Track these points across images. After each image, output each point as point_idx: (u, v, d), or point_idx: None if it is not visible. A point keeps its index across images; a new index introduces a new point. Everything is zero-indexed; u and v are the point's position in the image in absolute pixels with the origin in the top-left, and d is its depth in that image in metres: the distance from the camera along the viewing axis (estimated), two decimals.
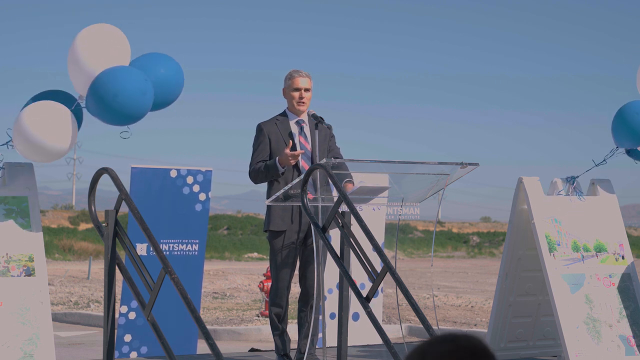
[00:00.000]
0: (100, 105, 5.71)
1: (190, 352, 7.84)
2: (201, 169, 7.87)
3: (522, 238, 7.43)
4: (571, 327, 6.95)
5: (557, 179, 7.52)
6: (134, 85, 5.71)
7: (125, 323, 7.66)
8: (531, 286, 7.54)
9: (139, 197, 7.46)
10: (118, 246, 5.63)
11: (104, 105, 5.70)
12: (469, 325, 13.81)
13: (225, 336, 12.39)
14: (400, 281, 5.72)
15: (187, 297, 5.00)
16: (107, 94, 5.67)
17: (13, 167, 6.05)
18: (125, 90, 5.68)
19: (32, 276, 5.89)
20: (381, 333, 5.81)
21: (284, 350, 6.97)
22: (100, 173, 5.78)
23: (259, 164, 6.84)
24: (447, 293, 19.30)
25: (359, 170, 6.85)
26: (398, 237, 7.21)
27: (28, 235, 5.95)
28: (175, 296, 5.26)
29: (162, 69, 5.94)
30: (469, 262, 38.97)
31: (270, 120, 6.97)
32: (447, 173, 6.71)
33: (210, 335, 4.90)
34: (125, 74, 5.74)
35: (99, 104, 5.71)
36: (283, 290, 6.89)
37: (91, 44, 5.79)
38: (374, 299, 6.13)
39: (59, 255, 34.55)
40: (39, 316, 5.83)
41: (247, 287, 20.30)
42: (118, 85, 5.68)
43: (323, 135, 6.93)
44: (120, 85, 5.68)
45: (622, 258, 7.46)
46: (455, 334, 2.19)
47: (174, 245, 7.79)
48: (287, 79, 6.98)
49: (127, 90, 5.69)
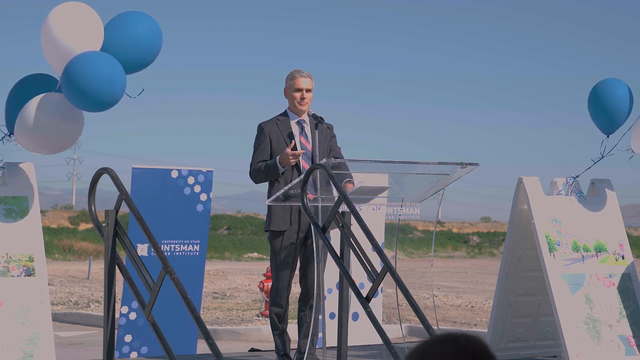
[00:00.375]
0: (74, 95, 5.65)
1: (190, 352, 7.84)
2: (202, 170, 7.87)
3: (522, 238, 7.43)
4: (571, 327, 6.95)
5: (557, 179, 7.53)
6: (102, 74, 5.61)
7: (126, 323, 7.66)
8: (531, 286, 7.54)
9: (140, 197, 7.46)
10: (118, 246, 5.63)
11: (76, 95, 5.64)
12: (469, 325, 13.81)
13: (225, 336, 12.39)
14: (400, 281, 5.71)
15: (187, 297, 5.00)
16: (81, 83, 5.56)
17: (13, 167, 6.05)
18: (96, 82, 5.58)
19: (32, 276, 5.89)
20: (381, 333, 5.81)
21: (284, 350, 6.97)
22: (100, 173, 5.78)
23: (259, 163, 6.85)
24: (447, 293, 19.30)
25: (359, 170, 6.85)
26: (398, 237, 7.21)
27: (28, 235, 5.95)
28: (175, 296, 5.26)
29: (141, 28, 5.87)
30: (469, 262, 38.97)
31: (271, 120, 6.97)
32: (447, 173, 6.71)
33: (210, 335, 4.90)
34: (94, 61, 5.65)
35: (73, 94, 5.65)
36: (283, 290, 6.89)
37: (64, 23, 5.68)
38: (374, 299, 6.13)
39: (59, 255, 34.55)
40: (39, 316, 5.83)
41: (247, 287, 20.31)
42: (88, 76, 5.56)
43: (324, 135, 6.93)
44: (91, 75, 5.58)
45: (622, 258, 7.46)
46: (455, 334, 2.18)
47: (176, 246, 7.79)
48: (289, 79, 6.98)
49: (98, 81, 5.59)
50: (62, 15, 5.70)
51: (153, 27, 5.91)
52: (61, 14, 5.71)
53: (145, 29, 5.88)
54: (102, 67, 5.58)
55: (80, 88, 5.55)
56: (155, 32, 5.91)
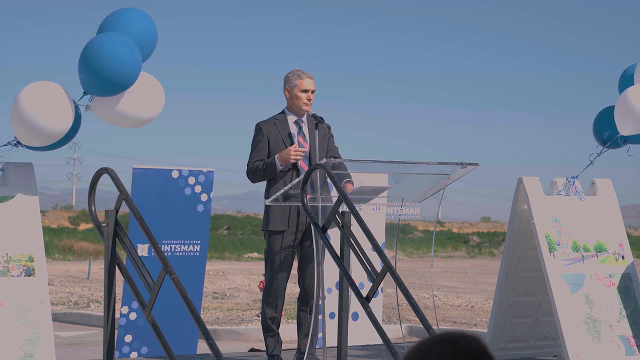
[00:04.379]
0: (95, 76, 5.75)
1: (190, 352, 7.84)
2: (203, 170, 7.86)
3: (522, 238, 7.43)
4: (571, 327, 6.95)
5: (557, 179, 7.53)
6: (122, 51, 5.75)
7: (126, 323, 7.66)
8: (531, 286, 7.54)
9: (141, 197, 7.46)
10: (118, 246, 5.63)
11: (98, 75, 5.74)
12: (469, 325, 13.81)
13: (225, 336, 12.39)
14: (400, 281, 5.72)
15: (187, 297, 5.00)
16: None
17: (13, 167, 6.05)
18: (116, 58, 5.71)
19: (32, 276, 5.89)
20: (381, 333, 5.81)
21: (275, 351, 6.96)
22: (100, 173, 5.79)
23: (256, 162, 6.84)
24: (447, 293, 19.30)
25: (359, 170, 6.84)
26: (398, 237, 7.22)
27: (28, 235, 5.95)
28: (175, 296, 5.26)
29: (136, 25, 5.92)
30: (469, 262, 38.97)
31: (269, 120, 6.96)
32: (447, 173, 6.71)
33: (210, 335, 4.90)
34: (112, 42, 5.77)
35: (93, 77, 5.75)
36: (278, 291, 6.86)
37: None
38: (374, 299, 6.13)
39: (59, 255, 34.55)
40: (39, 316, 5.83)
41: (247, 287, 20.30)
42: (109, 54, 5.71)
43: (322, 135, 6.92)
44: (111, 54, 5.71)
45: (622, 258, 7.46)
46: (453, 335, 2.16)
47: (176, 246, 7.79)
48: (293, 79, 6.92)
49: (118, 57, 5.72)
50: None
51: (148, 23, 5.95)
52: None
53: (141, 26, 5.91)
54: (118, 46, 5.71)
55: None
56: (150, 29, 5.94)
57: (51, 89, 5.81)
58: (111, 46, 5.71)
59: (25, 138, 5.84)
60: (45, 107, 5.74)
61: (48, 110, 5.74)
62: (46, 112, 5.73)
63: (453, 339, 2.14)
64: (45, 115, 5.73)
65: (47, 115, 5.73)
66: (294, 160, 6.70)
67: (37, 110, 5.73)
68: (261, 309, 7.03)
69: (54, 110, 5.75)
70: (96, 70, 5.72)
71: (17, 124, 5.78)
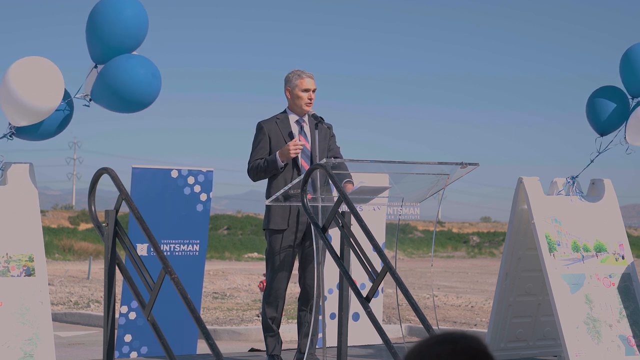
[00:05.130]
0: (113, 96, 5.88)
1: (190, 352, 7.84)
2: (202, 169, 7.87)
3: (522, 238, 7.43)
4: (571, 327, 6.95)
5: (557, 179, 7.53)
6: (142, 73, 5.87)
7: (126, 323, 7.66)
8: (531, 286, 7.54)
9: (140, 197, 7.46)
10: (118, 246, 5.63)
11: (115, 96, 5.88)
12: (469, 325, 13.81)
13: (225, 336, 12.39)
14: (400, 281, 5.72)
15: (187, 297, 5.00)
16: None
17: (13, 167, 6.05)
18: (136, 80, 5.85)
19: (32, 276, 5.89)
20: (381, 333, 5.81)
21: (275, 351, 6.96)
22: (100, 173, 5.79)
23: (257, 160, 6.84)
24: (447, 293, 19.31)
25: (359, 170, 6.84)
26: (398, 237, 7.22)
27: (28, 235, 5.95)
28: (175, 296, 5.26)
29: (127, 11, 5.95)
30: (469, 262, 38.97)
31: (271, 119, 6.96)
32: (447, 173, 6.71)
33: (210, 335, 4.90)
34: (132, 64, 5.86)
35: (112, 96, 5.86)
36: (278, 291, 6.86)
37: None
38: (374, 299, 6.14)
39: (59, 255, 34.55)
40: (39, 316, 5.83)
41: (247, 287, 20.31)
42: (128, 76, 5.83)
43: (323, 134, 6.93)
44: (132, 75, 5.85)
45: (622, 258, 7.47)
46: (453, 335, 2.15)
47: (176, 246, 7.79)
48: (294, 79, 6.92)
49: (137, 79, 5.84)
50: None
51: (138, 10, 5.97)
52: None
53: (131, 12, 5.93)
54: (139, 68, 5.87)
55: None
56: (140, 16, 5.97)
57: (41, 63, 5.80)
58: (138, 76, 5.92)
59: (12, 115, 5.80)
60: (31, 80, 5.72)
61: (34, 84, 5.72)
62: (32, 86, 5.71)
63: (453, 339, 2.13)
64: (30, 89, 5.70)
65: (32, 89, 5.71)
66: (294, 154, 6.70)
67: (22, 84, 5.70)
68: (262, 309, 7.03)
69: (40, 84, 5.73)
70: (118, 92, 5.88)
71: (3, 99, 5.77)
